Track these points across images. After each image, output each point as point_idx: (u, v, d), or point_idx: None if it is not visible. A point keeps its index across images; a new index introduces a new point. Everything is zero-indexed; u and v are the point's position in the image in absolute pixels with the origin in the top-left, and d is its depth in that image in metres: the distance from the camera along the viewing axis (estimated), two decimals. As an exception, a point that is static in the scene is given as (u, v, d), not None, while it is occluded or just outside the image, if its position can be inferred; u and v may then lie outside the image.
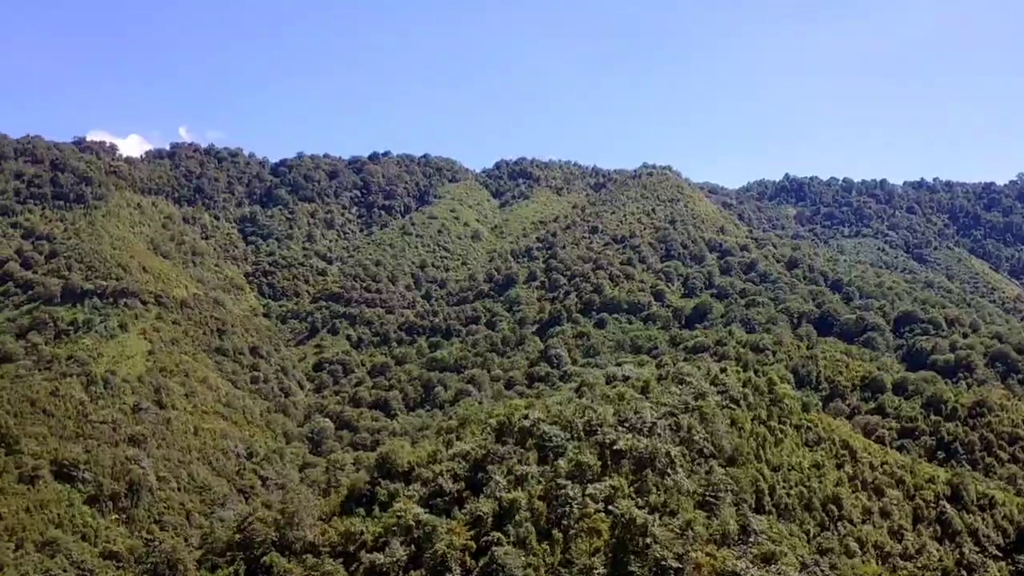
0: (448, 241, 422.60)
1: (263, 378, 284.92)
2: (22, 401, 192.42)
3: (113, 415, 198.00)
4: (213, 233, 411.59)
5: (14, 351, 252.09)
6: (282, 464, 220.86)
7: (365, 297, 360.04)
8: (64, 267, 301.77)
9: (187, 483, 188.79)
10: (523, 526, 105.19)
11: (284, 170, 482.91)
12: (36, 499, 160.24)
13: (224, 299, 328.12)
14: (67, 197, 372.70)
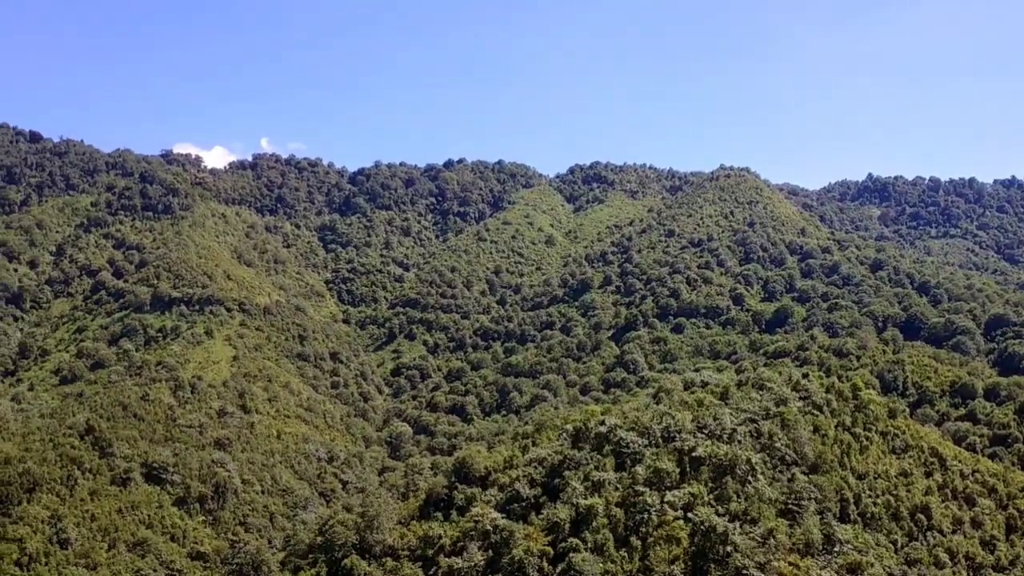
0: (522, 246, 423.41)
1: (343, 383, 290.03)
2: (114, 405, 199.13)
3: (200, 419, 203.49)
4: (294, 241, 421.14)
5: (107, 357, 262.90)
6: (362, 468, 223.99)
7: (441, 303, 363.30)
8: (153, 276, 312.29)
9: (270, 486, 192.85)
10: (600, 532, 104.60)
11: (362, 179, 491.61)
12: (128, 500, 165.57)
13: (305, 306, 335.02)
14: (155, 208, 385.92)
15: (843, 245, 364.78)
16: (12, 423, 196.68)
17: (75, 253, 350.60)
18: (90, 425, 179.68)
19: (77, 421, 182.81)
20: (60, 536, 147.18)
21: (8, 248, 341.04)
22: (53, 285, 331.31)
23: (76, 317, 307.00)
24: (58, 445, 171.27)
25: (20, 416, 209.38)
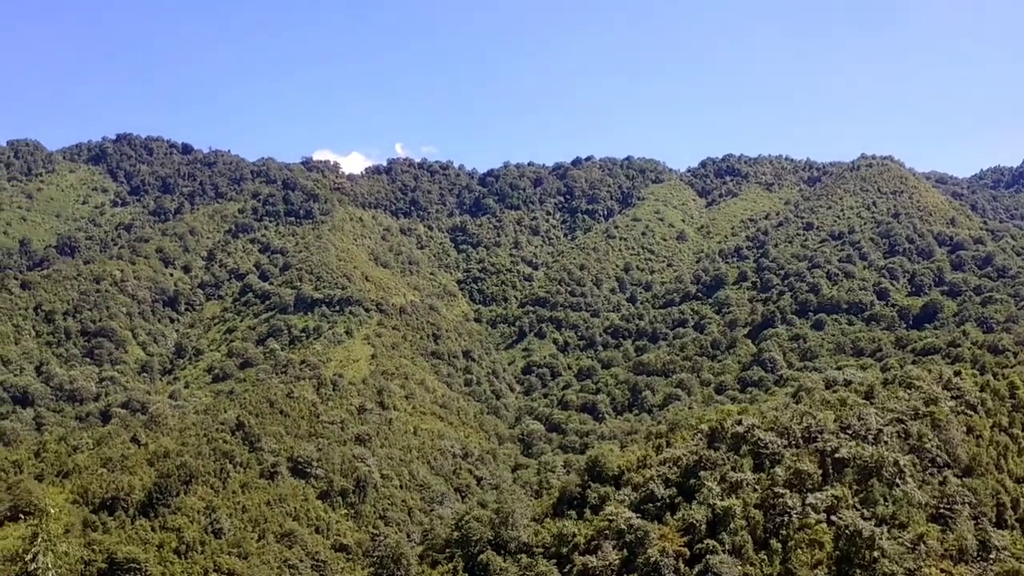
0: (653, 243, 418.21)
1: (475, 380, 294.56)
2: (262, 402, 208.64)
3: (341, 415, 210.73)
4: (427, 243, 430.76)
5: (255, 356, 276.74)
6: (495, 465, 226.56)
7: (570, 301, 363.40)
8: (296, 278, 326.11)
9: (408, 481, 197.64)
10: (739, 534, 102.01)
11: (491, 180, 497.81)
12: (275, 493, 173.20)
13: (438, 305, 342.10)
14: (297, 213, 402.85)
15: (997, 235, 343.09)
16: (170, 419, 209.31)
17: (224, 258, 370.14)
18: (240, 421, 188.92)
19: (229, 417, 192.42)
20: (214, 526, 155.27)
21: (165, 254, 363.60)
22: (205, 288, 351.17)
23: (226, 318, 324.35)
24: (212, 440, 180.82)
25: (177, 412, 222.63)
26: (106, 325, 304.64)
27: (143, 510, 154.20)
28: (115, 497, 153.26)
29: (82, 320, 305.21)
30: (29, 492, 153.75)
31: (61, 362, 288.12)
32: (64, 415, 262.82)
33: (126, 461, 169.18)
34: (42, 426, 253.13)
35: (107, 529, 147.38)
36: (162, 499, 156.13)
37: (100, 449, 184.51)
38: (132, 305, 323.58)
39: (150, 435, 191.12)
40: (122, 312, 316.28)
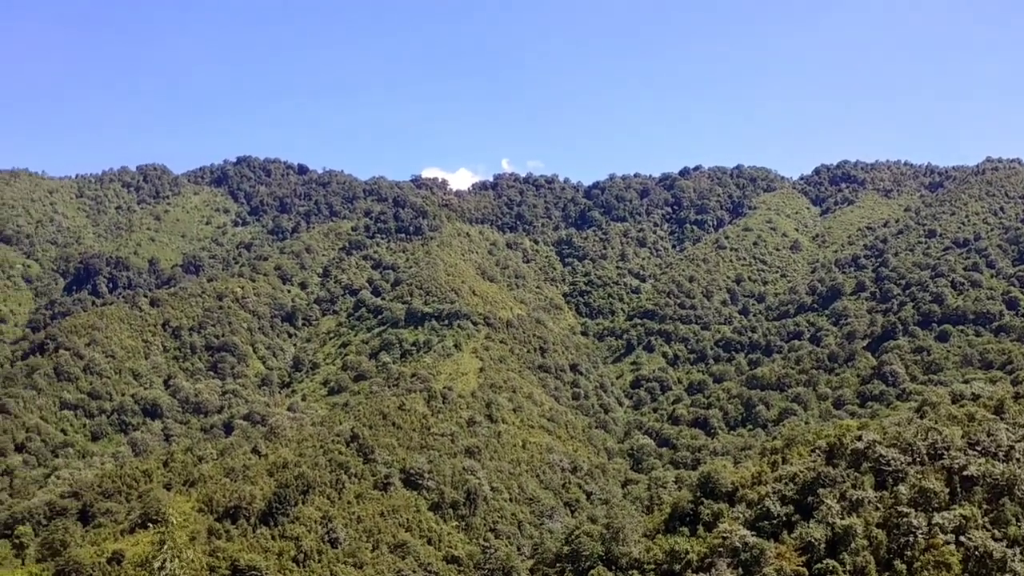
0: (765, 253, 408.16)
1: (583, 394, 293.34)
2: (375, 414, 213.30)
3: (451, 428, 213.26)
4: (533, 256, 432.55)
5: (368, 369, 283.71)
6: (604, 479, 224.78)
7: (680, 314, 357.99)
8: (407, 293, 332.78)
9: (517, 494, 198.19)
10: (860, 555, 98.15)
11: (597, 192, 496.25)
12: (389, 504, 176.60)
13: (545, 319, 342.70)
14: (407, 230, 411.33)
15: None
16: (289, 431, 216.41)
17: (339, 274, 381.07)
18: (355, 433, 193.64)
19: (344, 429, 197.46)
20: (331, 536, 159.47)
21: (283, 271, 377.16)
22: (321, 304, 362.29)
23: (341, 333, 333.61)
24: (328, 451, 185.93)
25: (295, 424, 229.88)
26: (228, 340, 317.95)
27: (263, 519, 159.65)
28: (237, 506, 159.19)
29: (206, 335, 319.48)
30: (158, 500, 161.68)
31: (187, 376, 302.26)
32: (190, 427, 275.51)
33: (247, 471, 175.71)
34: (170, 437, 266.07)
35: (230, 537, 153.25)
36: (281, 508, 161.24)
37: (223, 459, 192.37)
38: (252, 321, 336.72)
39: (270, 446, 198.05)
40: (243, 327, 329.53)
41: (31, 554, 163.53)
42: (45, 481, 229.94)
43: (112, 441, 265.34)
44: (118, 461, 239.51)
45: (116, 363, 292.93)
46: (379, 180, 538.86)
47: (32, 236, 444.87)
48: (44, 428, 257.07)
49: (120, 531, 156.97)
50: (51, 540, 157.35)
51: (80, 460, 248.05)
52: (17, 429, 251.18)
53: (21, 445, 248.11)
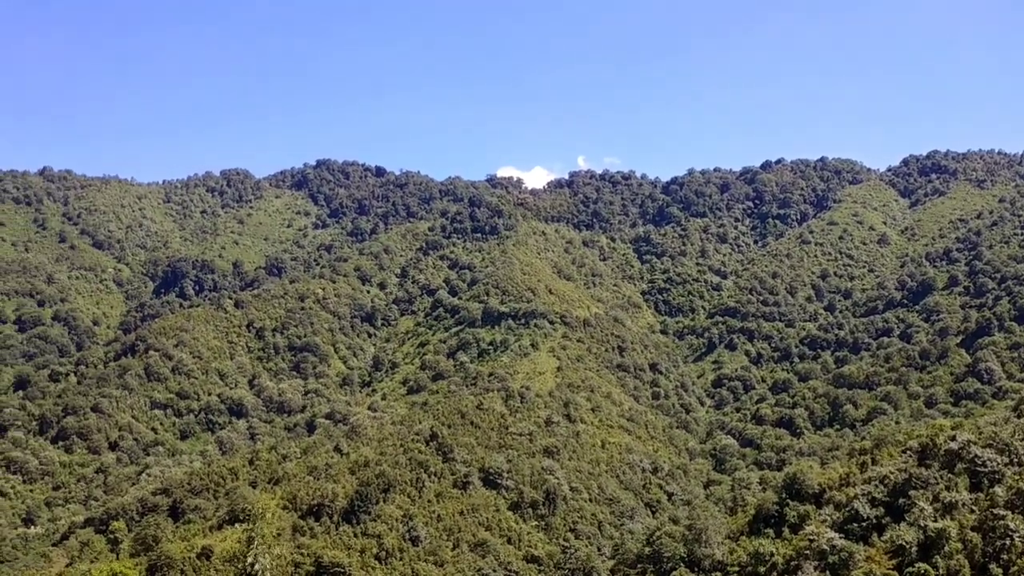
0: (851, 248, 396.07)
1: (663, 394, 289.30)
2: (453, 413, 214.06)
3: (529, 427, 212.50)
4: (610, 254, 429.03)
5: (446, 368, 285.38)
6: (686, 480, 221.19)
7: (763, 311, 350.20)
8: (483, 293, 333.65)
9: (597, 494, 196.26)
10: (954, 559, 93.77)
11: (675, 188, 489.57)
12: (468, 503, 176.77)
13: (623, 317, 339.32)
14: (483, 230, 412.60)
15: None
16: (369, 429, 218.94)
17: (416, 274, 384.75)
18: (434, 432, 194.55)
19: (423, 428, 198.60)
20: (411, 534, 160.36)
21: (362, 272, 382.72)
22: (399, 304, 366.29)
23: (419, 332, 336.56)
24: (408, 450, 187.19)
25: (376, 423, 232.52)
26: (310, 340, 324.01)
27: (346, 516, 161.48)
28: (320, 503, 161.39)
29: (289, 336, 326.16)
30: (244, 498, 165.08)
31: (271, 375, 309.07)
32: (274, 425, 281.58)
33: (330, 469, 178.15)
34: (255, 436, 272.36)
35: (314, 534, 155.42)
36: (363, 506, 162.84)
37: (306, 458, 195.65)
38: (333, 321, 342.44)
39: (351, 445, 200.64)
40: (324, 328, 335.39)
41: (125, 549, 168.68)
42: (137, 478, 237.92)
43: (200, 440, 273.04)
44: (206, 459, 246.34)
45: (203, 363, 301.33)
46: (455, 180, 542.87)
47: (122, 241, 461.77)
48: (136, 427, 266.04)
49: (208, 527, 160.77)
50: (144, 535, 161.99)
51: (170, 458, 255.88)
52: (111, 428, 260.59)
53: (114, 443, 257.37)
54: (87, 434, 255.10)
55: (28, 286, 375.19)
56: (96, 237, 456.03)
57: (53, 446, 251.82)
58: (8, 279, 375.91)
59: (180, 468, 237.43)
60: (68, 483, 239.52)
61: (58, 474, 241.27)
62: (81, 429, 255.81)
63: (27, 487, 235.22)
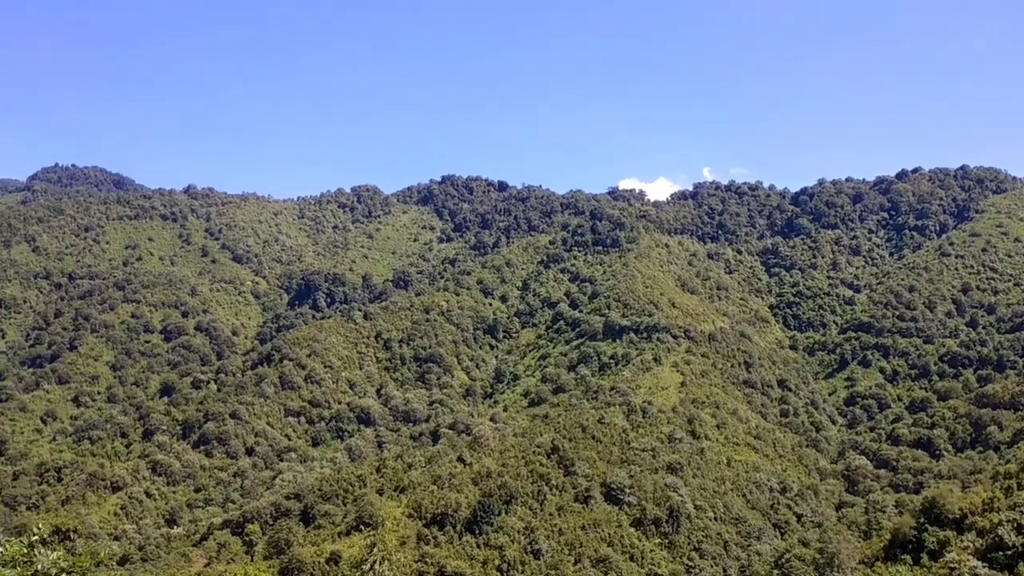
0: (995, 260, 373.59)
1: (792, 411, 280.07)
2: (574, 427, 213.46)
3: (651, 443, 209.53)
4: (736, 267, 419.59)
5: (567, 382, 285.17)
6: (816, 501, 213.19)
7: (899, 326, 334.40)
8: (604, 306, 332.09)
9: (723, 513, 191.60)
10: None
11: (804, 199, 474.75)
12: (590, 518, 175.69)
13: (749, 332, 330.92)
14: (604, 242, 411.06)
15: None
16: (492, 441, 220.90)
17: (538, 287, 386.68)
18: (555, 445, 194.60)
19: (544, 441, 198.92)
20: (533, 547, 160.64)
21: (484, 285, 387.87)
22: (520, 316, 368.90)
23: (540, 345, 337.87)
24: (529, 462, 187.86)
25: (497, 434, 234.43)
26: (435, 352, 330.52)
27: (469, 527, 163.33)
28: (444, 513, 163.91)
29: (415, 347, 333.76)
30: (371, 505, 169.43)
31: (397, 385, 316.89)
32: (400, 434, 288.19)
33: (453, 479, 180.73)
34: (382, 444, 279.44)
35: (437, 543, 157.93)
36: (485, 517, 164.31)
37: (431, 467, 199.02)
38: (456, 333, 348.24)
39: (474, 455, 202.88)
40: (448, 339, 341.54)
41: (259, 551, 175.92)
42: (271, 483, 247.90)
43: (330, 447, 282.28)
44: (335, 466, 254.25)
45: (333, 373, 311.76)
46: (576, 193, 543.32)
47: (260, 255, 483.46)
48: (270, 433, 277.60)
49: (337, 532, 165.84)
50: (276, 539, 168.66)
51: (302, 464, 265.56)
52: (247, 434, 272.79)
53: (251, 449, 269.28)
54: (226, 439, 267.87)
55: (173, 298, 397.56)
56: (235, 251, 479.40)
57: (195, 450, 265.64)
58: (156, 291, 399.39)
59: (311, 474, 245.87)
60: (208, 486, 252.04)
61: (199, 477, 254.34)
62: (220, 434, 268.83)
63: (171, 489, 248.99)
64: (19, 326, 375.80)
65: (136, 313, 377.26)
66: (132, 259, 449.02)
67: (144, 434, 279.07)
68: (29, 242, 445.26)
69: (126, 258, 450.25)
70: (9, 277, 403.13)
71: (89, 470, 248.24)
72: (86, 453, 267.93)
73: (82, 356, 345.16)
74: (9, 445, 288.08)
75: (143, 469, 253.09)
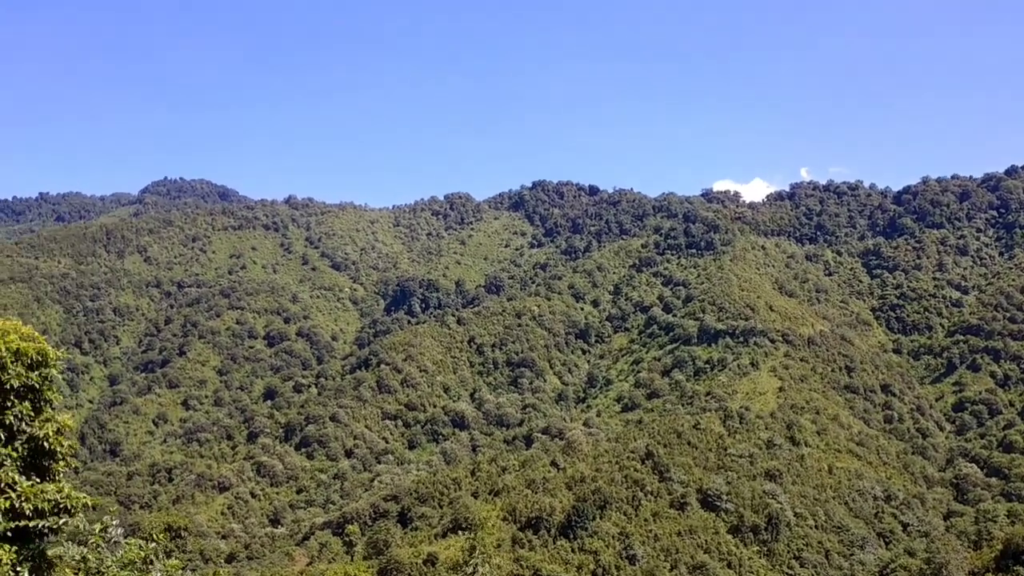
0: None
1: (897, 417, 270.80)
2: (669, 432, 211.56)
3: (749, 449, 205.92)
4: (836, 269, 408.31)
5: (661, 387, 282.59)
6: (923, 510, 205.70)
7: (1010, 329, 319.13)
8: (699, 310, 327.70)
9: (824, 521, 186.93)
10: None
11: (908, 197, 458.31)
12: (686, 524, 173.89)
13: (851, 335, 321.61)
14: (698, 245, 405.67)
15: None
16: (585, 445, 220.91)
17: (629, 291, 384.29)
18: (649, 450, 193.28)
19: (638, 446, 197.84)
20: (628, 552, 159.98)
21: (576, 290, 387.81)
22: (612, 321, 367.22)
23: (633, 350, 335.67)
24: (623, 467, 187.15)
25: (591, 439, 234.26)
26: (527, 356, 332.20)
27: (563, 531, 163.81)
28: (538, 517, 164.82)
29: (507, 351, 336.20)
30: (467, 507, 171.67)
31: (490, 389, 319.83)
32: (494, 438, 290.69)
33: (547, 483, 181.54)
34: (476, 448, 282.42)
35: (532, 546, 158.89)
36: (579, 522, 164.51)
37: (524, 471, 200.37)
38: (548, 338, 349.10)
39: (567, 460, 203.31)
40: (540, 344, 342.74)
41: (359, 551, 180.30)
42: (370, 484, 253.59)
43: (425, 450, 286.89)
44: (431, 468, 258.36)
45: (428, 377, 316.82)
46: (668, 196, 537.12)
47: (357, 262, 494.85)
48: (368, 436, 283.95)
49: (434, 534, 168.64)
50: (375, 540, 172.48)
51: (398, 467, 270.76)
52: (347, 436, 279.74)
53: (350, 451, 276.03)
54: (326, 441, 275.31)
55: (276, 305, 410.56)
56: (334, 259, 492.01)
57: (296, 452, 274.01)
58: (259, 299, 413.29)
59: (408, 476, 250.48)
60: (309, 487, 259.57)
61: (300, 478, 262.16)
62: (320, 437, 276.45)
63: (274, 490, 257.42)
64: (132, 333, 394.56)
65: (241, 319, 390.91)
66: (237, 267, 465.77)
67: (249, 436, 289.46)
68: (141, 252, 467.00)
69: (231, 267, 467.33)
70: (123, 286, 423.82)
71: (197, 471, 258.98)
72: (195, 454, 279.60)
73: (191, 361, 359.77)
74: (124, 446, 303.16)
75: (248, 470, 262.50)
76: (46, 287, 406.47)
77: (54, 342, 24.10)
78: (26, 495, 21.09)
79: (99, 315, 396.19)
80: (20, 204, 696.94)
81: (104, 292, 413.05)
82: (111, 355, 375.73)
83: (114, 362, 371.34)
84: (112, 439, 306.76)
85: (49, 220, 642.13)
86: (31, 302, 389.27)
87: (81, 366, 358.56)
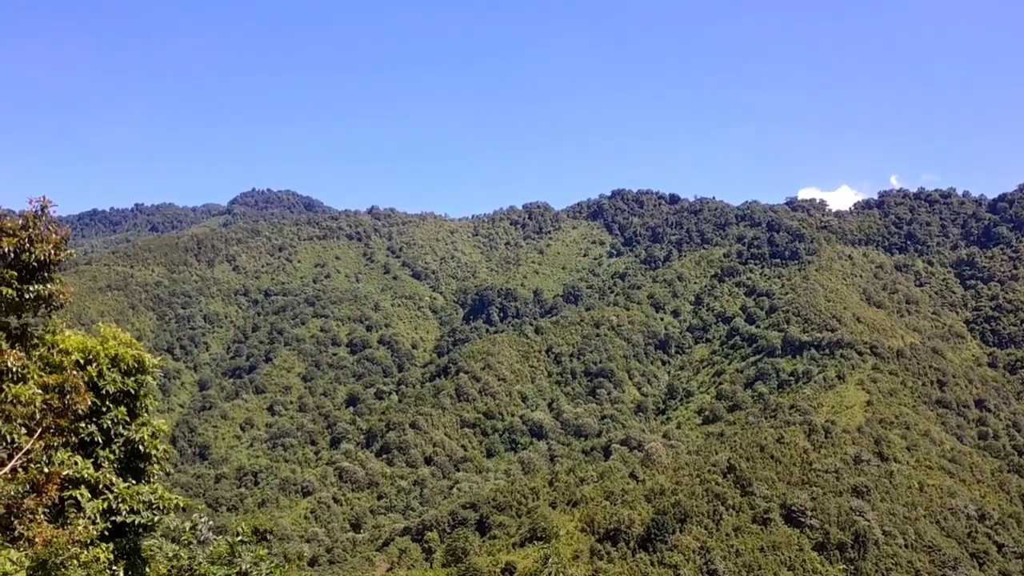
0: None
1: (992, 434, 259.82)
2: (751, 446, 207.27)
3: (835, 464, 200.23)
4: (927, 279, 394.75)
5: (743, 399, 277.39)
6: (1020, 531, 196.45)
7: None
8: (783, 321, 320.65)
9: (914, 540, 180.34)
10: None
11: (1004, 205, 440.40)
12: (769, 540, 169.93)
13: (943, 348, 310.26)
14: (782, 255, 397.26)
15: None
16: (664, 457, 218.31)
17: (711, 302, 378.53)
18: (731, 464, 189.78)
19: (719, 459, 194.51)
20: (708, 567, 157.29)
21: (655, 300, 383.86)
22: (693, 332, 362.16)
23: (714, 361, 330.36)
24: (704, 481, 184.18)
25: (670, 452, 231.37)
26: (605, 366, 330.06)
27: (642, 544, 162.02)
28: (617, 528, 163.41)
29: (585, 361, 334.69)
30: (544, 517, 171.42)
31: (568, 399, 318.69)
32: (572, 448, 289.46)
33: (626, 495, 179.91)
34: (554, 458, 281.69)
35: (610, 559, 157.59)
36: (659, 535, 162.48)
37: (603, 482, 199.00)
38: (627, 348, 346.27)
39: (647, 472, 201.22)
40: (619, 354, 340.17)
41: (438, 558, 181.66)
42: (448, 492, 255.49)
43: (503, 459, 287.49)
44: (509, 477, 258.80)
45: (506, 386, 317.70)
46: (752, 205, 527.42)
47: (437, 272, 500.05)
48: (447, 444, 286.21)
49: (512, 544, 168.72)
50: (454, 547, 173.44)
51: (477, 475, 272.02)
52: (426, 444, 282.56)
53: (429, 458, 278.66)
54: (406, 448, 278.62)
55: (358, 313, 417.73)
56: (415, 268, 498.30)
57: (377, 458, 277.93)
58: (343, 307, 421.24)
59: (486, 485, 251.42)
60: (389, 493, 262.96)
61: (381, 484, 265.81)
62: (400, 443, 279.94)
63: (355, 495, 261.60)
64: (221, 339, 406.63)
65: (325, 327, 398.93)
66: (321, 276, 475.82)
67: (331, 442, 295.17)
68: (230, 261, 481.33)
69: (315, 275, 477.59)
70: (213, 294, 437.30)
71: (282, 475, 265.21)
72: (279, 459, 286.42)
73: (276, 368, 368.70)
74: (212, 450, 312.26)
75: (330, 475, 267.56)
76: (140, 295, 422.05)
77: (148, 348, 25.05)
78: (122, 496, 21.95)
79: (190, 322, 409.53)
80: (117, 215, 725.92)
81: (195, 300, 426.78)
82: (201, 361, 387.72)
83: (204, 368, 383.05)
84: (201, 443, 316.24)
85: (144, 230, 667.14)
86: (126, 309, 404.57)
87: (173, 371, 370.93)
